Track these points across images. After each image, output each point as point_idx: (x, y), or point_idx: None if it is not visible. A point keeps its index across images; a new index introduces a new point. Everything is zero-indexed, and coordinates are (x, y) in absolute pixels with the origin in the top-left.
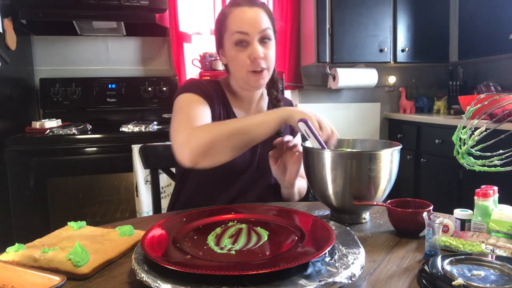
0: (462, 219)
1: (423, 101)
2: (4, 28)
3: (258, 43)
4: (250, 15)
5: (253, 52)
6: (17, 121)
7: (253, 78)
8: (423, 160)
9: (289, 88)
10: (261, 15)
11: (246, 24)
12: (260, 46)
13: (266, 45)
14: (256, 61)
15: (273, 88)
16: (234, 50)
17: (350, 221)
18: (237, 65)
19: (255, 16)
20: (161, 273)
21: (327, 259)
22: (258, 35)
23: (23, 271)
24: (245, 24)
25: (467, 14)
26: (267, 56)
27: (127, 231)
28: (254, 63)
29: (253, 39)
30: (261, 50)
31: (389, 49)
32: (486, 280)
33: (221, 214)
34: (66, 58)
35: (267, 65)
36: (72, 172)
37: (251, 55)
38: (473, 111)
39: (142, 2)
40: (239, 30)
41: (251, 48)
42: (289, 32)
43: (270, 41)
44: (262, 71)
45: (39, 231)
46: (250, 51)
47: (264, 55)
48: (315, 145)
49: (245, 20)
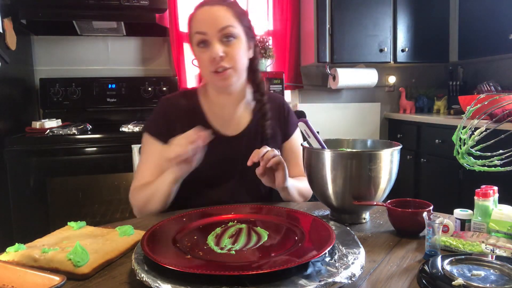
0: (462, 219)
1: (423, 101)
2: (4, 28)
3: (219, 42)
4: (209, 14)
5: (211, 52)
6: (17, 121)
7: (216, 79)
8: (423, 160)
9: (289, 88)
10: (222, 13)
11: (204, 23)
12: (221, 45)
13: (229, 44)
14: (215, 61)
15: (257, 92)
16: (197, 51)
17: (350, 221)
18: (201, 67)
19: (215, 15)
20: (161, 273)
21: (327, 259)
22: (218, 33)
23: (23, 271)
24: (204, 23)
25: (467, 14)
26: (229, 54)
27: (127, 231)
28: (214, 63)
29: (212, 38)
30: (220, 50)
31: (389, 49)
32: (486, 280)
33: (221, 214)
34: (66, 58)
35: (231, 64)
36: (72, 172)
37: (210, 55)
38: (473, 111)
39: (142, 2)
40: (198, 30)
41: (210, 48)
42: (289, 32)
43: (234, 39)
44: (225, 71)
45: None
46: (209, 51)
47: (225, 53)
48: (315, 145)
49: (204, 20)
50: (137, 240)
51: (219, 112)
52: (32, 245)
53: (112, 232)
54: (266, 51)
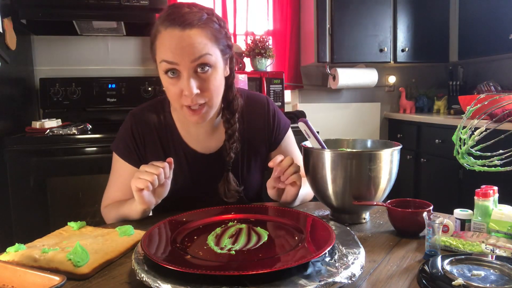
0: (462, 219)
1: (423, 101)
2: (4, 28)
3: (193, 75)
4: (180, 41)
5: (184, 88)
6: (17, 121)
7: (188, 114)
8: (423, 160)
9: (289, 88)
10: (196, 40)
11: (174, 52)
12: (196, 80)
13: (205, 76)
14: (189, 98)
15: (227, 110)
16: (165, 79)
17: (350, 221)
18: (171, 98)
19: (187, 43)
20: (161, 273)
21: (327, 259)
22: (191, 65)
23: (23, 271)
24: (174, 52)
25: (467, 14)
26: (206, 89)
27: (127, 231)
28: (187, 99)
29: (185, 70)
30: (195, 85)
31: (389, 49)
32: (486, 280)
33: (221, 214)
34: (66, 58)
35: (207, 99)
36: (72, 172)
37: (183, 91)
38: (473, 111)
39: (142, 2)
40: (166, 59)
41: (183, 83)
42: (289, 32)
43: (210, 68)
44: (200, 108)
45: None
46: (182, 85)
47: (200, 89)
48: (315, 145)
49: (173, 48)
50: (137, 240)
51: (194, 131)
52: (32, 245)
53: (112, 232)
54: (266, 51)
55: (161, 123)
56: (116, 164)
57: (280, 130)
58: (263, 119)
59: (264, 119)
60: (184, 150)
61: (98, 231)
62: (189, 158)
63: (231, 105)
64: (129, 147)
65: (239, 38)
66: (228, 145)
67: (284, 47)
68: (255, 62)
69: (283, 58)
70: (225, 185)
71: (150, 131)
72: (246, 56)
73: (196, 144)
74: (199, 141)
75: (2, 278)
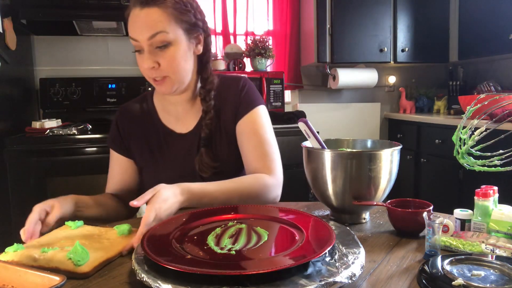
0: (462, 219)
1: (423, 101)
2: (4, 28)
3: (151, 50)
4: (139, 18)
5: (142, 62)
6: (17, 121)
7: (156, 85)
8: (423, 160)
9: (289, 88)
10: (151, 18)
11: (135, 30)
12: (153, 55)
13: (164, 52)
14: (147, 71)
15: (203, 88)
16: (136, 55)
17: (350, 221)
18: (142, 72)
19: (144, 20)
20: (161, 273)
21: (327, 259)
22: (148, 41)
23: (23, 271)
24: (135, 30)
25: (467, 14)
26: (164, 64)
27: (125, 229)
28: (149, 72)
29: (143, 47)
30: (149, 61)
31: (389, 49)
32: (486, 280)
33: (221, 214)
34: (66, 58)
35: (168, 73)
36: (72, 172)
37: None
38: (473, 111)
39: None
40: (131, 36)
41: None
42: (289, 32)
43: (170, 45)
44: (162, 79)
45: None
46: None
47: (159, 63)
48: (315, 145)
49: (135, 26)
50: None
51: (173, 110)
52: (31, 245)
53: (110, 231)
54: (266, 51)
55: (144, 110)
56: (111, 156)
57: (247, 101)
58: (234, 94)
59: (235, 94)
60: (163, 131)
61: (96, 230)
62: (168, 139)
63: (207, 82)
64: (116, 139)
65: (239, 38)
66: (204, 121)
67: (284, 47)
68: (255, 62)
69: (283, 58)
70: (200, 160)
71: (132, 121)
72: (246, 56)
73: (174, 125)
74: (178, 121)
75: (2, 278)
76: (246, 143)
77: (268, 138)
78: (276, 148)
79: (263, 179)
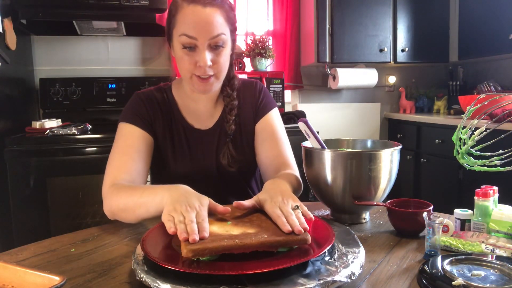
0: (462, 219)
1: (423, 101)
2: (4, 28)
3: (208, 49)
4: (201, 18)
5: (200, 59)
6: (17, 121)
7: (197, 83)
8: (423, 160)
9: (289, 88)
10: (216, 19)
11: (195, 28)
12: (210, 53)
13: (218, 52)
14: (203, 68)
15: (228, 87)
16: (181, 52)
17: (350, 221)
18: (182, 68)
19: (207, 20)
20: (161, 273)
21: (327, 258)
22: (208, 41)
23: (23, 271)
24: (195, 28)
25: (467, 14)
26: (216, 63)
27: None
28: (199, 69)
29: (202, 45)
30: (209, 58)
31: (389, 49)
32: (486, 280)
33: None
34: (66, 58)
35: (216, 72)
36: (72, 172)
37: (198, 62)
38: (473, 111)
39: (142, 2)
40: (187, 33)
41: (199, 55)
42: (289, 32)
43: (223, 48)
44: (208, 78)
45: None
46: (197, 57)
47: (212, 62)
48: (315, 145)
49: (195, 23)
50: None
51: (193, 106)
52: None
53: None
54: (266, 51)
55: (164, 99)
56: (123, 130)
57: (265, 103)
58: (252, 95)
59: (253, 95)
60: (183, 124)
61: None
62: (187, 133)
63: (232, 81)
64: (141, 113)
65: (239, 38)
66: (229, 116)
67: (284, 47)
68: (255, 62)
69: (283, 58)
70: (228, 154)
71: (154, 107)
72: (246, 56)
73: (193, 120)
74: (196, 117)
75: (2, 278)
76: (268, 142)
77: (286, 137)
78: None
79: (294, 175)
